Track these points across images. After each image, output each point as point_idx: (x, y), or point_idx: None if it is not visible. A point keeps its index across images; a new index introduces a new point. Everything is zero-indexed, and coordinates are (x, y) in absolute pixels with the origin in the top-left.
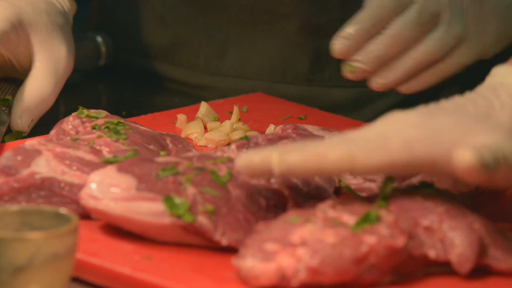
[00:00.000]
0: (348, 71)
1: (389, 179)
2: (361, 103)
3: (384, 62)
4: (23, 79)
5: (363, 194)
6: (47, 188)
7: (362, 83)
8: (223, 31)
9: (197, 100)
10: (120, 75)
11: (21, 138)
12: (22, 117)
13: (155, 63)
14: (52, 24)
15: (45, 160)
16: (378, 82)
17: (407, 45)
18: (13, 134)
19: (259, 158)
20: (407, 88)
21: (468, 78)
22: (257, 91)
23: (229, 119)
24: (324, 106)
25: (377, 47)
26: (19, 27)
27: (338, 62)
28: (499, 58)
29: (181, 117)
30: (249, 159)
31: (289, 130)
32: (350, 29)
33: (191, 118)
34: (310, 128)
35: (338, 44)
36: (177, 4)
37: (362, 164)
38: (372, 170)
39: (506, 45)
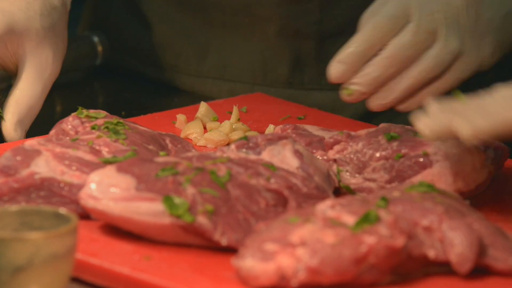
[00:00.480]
0: (346, 95)
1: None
2: (340, 106)
3: (381, 83)
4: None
5: (363, 194)
6: (47, 188)
7: (340, 86)
8: (204, 34)
9: (193, 101)
10: (116, 74)
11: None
12: (17, 130)
13: (141, 64)
14: (44, 28)
15: (45, 160)
16: (376, 104)
17: (404, 65)
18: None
19: (442, 123)
20: (406, 107)
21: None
22: (237, 94)
23: (229, 119)
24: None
25: (373, 69)
26: (8, 37)
27: (317, 65)
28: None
29: (180, 117)
30: (432, 123)
31: (289, 130)
32: (345, 53)
33: (190, 118)
34: (309, 128)
35: (334, 69)
36: (162, 6)
37: None
38: None
39: (504, 54)
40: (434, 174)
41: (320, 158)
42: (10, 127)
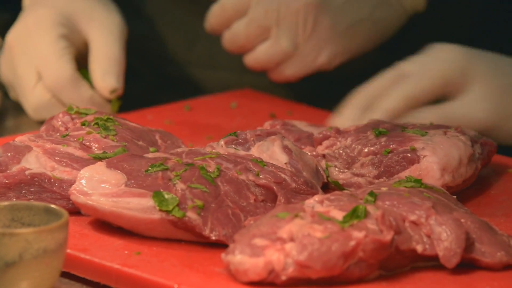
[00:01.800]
0: None
1: None
2: (324, 92)
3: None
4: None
5: (351, 189)
6: (37, 184)
7: (321, 74)
8: (193, 23)
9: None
10: None
11: (118, 100)
12: (105, 80)
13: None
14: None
15: (35, 156)
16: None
17: (243, 47)
18: (113, 103)
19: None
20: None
21: None
22: (225, 83)
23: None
24: (291, 96)
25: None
26: (68, 24)
27: None
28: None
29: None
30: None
31: (278, 126)
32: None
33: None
34: (298, 124)
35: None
36: None
37: None
38: None
39: (349, 58)
40: (422, 169)
41: (309, 153)
42: (98, 79)
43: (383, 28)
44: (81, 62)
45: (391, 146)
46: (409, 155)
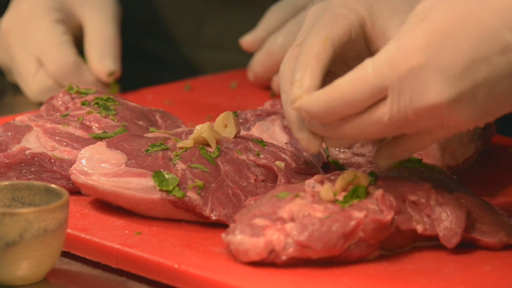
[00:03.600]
0: None
1: None
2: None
3: None
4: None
5: (352, 169)
6: (38, 164)
7: None
8: (202, 5)
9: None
10: None
11: (117, 83)
12: (102, 63)
13: (136, 35)
14: None
15: (35, 136)
16: None
17: None
18: (112, 86)
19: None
20: None
21: None
22: (233, 65)
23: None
24: None
25: None
26: (62, 8)
27: None
28: None
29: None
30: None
31: (278, 106)
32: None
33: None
34: None
35: None
36: None
37: None
38: None
39: None
40: None
41: None
42: (95, 63)
43: None
44: (77, 46)
45: None
46: None
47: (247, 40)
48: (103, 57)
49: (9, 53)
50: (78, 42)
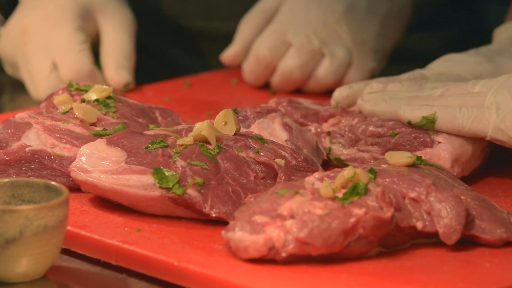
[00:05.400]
0: None
1: None
2: None
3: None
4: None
5: (355, 165)
6: (37, 161)
7: None
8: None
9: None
10: None
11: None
12: (118, 72)
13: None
14: None
15: (35, 133)
16: None
17: (300, 79)
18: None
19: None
20: None
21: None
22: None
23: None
24: None
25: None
26: (85, 15)
27: None
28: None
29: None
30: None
31: (284, 104)
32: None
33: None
34: (304, 101)
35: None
36: None
37: None
38: None
39: (389, 56)
40: (433, 154)
41: (314, 130)
42: (111, 73)
43: (403, 17)
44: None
45: (397, 129)
46: (424, 137)
47: (227, 56)
48: (120, 68)
49: (24, 51)
50: (93, 47)
